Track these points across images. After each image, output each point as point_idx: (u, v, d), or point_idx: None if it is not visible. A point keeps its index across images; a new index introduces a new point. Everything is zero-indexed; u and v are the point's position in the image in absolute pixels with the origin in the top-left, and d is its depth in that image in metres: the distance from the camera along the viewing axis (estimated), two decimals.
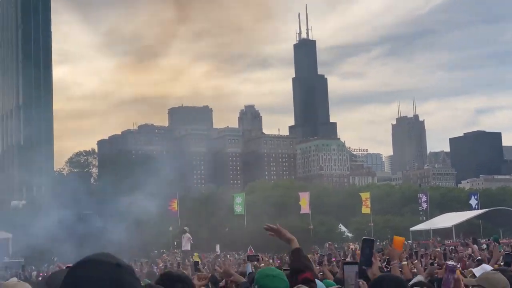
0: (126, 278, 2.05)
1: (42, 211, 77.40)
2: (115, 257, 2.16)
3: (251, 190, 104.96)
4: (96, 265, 2.08)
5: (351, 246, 55.16)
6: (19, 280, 4.89)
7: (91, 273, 2.06)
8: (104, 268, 2.07)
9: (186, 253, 40.64)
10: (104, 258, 2.11)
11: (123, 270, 2.07)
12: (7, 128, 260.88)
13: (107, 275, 2.04)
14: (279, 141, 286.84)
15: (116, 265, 2.08)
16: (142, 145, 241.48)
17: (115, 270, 2.07)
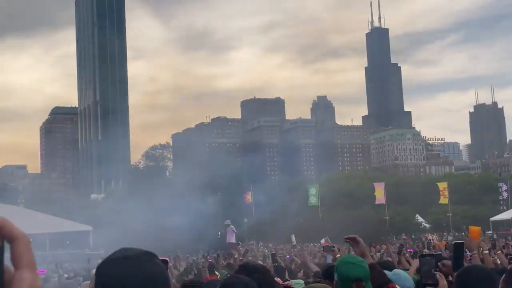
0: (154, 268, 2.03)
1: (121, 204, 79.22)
2: (138, 250, 2.14)
3: (325, 181, 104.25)
4: (121, 261, 2.06)
5: (429, 236, 54.10)
6: None
7: (119, 269, 2.04)
8: (130, 262, 2.05)
9: (231, 245, 40.64)
10: (129, 253, 2.09)
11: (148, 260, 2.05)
12: (85, 124, 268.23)
13: (133, 269, 2.02)
14: (353, 131, 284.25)
15: (123, 257, 2.05)
16: (215, 138, 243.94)
17: (144, 260, 2.05)
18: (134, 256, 2.08)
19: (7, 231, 0.95)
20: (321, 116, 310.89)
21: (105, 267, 2.10)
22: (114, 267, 2.05)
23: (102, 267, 2.13)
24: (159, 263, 2.10)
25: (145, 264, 2.06)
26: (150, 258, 2.10)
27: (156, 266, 2.08)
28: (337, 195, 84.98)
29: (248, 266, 4.79)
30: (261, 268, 4.74)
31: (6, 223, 0.95)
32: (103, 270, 2.09)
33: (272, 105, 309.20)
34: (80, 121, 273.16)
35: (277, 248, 45.54)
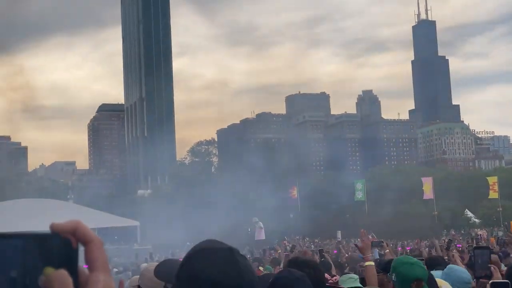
0: (241, 261, 2.00)
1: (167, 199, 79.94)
2: (224, 243, 2.10)
3: (371, 176, 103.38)
4: (211, 253, 2.03)
5: (479, 232, 53.10)
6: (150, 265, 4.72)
7: (209, 260, 2.01)
8: (220, 254, 2.02)
9: (260, 242, 40.43)
10: (216, 245, 2.06)
11: (236, 254, 2.02)
12: (132, 120, 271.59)
13: (223, 260, 2.00)
14: (399, 125, 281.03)
15: (228, 249, 2.03)
16: (260, 133, 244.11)
17: (229, 254, 2.02)
18: (235, 250, 2.05)
19: (82, 234, 0.96)
20: (367, 110, 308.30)
21: (209, 256, 2.03)
22: (220, 258, 2.00)
23: (203, 254, 2.05)
24: (246, 259, 2.06)
25: (245, 259, 2.03)
26: (236, 253, 2.05)
27: (245, 261, 2.03)
28: (384, 190, 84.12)
29: (298, 261, 4.77)
30: (311, 263, 4.70)
31: (81, 226, 0.97)
32: (205, 258, 2.03)
33: (317, 100, 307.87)
34: (127, 117, 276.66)
35: (323, 243, 45.28)
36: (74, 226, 0.95)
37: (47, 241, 0.91)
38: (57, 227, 0.94)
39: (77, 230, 0.95)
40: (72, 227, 0.94)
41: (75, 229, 0.95)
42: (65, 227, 0.93)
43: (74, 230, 0.94)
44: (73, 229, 0.94)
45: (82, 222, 0.95)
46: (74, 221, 0.96)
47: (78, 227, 0.96)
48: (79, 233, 0.95)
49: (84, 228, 0.95)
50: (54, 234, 0.92)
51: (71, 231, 0.94)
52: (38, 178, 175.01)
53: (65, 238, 0.93)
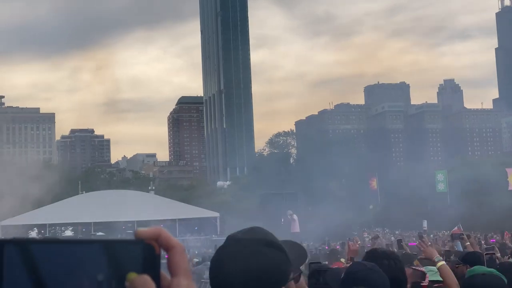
0: (235, 250, 1.99)
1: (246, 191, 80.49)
2: (265, 233, 2.05)
3: (453, 167, 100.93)
4: (240, 243, 2.03)
5: None
6: None
7: (234, 250, 2.01)
8: (249, 244, 2.01)
9: (295, 235, 39.76)
10: (249, 236, 2.03)
11: (238, 244, 2.01)
12: (210, 112, 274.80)
13: (250, 252, 2.00)
14: (483, 115, 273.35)
15: (261, 241, 2.00)
16: (338, 124, 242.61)
17: (259, 247, 1.99)
18: (245, 241, 2.02)
19: (165, 241, 1.00)
20: (448, 100, 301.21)
21: (223, 244, 2.08)
22: (224, 247, 2.03)
23: (224, 242, 2.09)
24: (267, 252, 2.00)
25: (249, 252, 1.99)
26: (260, 247, 2.02)
27: (261, 255, 1.99)
28: (466, 181, 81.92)
29: (377, 252, 4.67)
30: (391, 255, 4.59)
31: (163, 233, 1.00)
32: (221, 246, 2.08)
33: (397, 90, 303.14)
34: (206, 110, 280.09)
35: (403, 235, 44.57)
36: (157, 233, 0.99)
37: (131, 247, 0.96)
38: (141, 233, 0.99)
39: (160, 236, 0.99)
40: (155, 234, 0.98)
41: (158, 235, 0.99)
42: (148, 234, 0.98)
43: (157, 237, 0.98)
44: (156, 235, 0.98)
45: (164, 229, 0.99)
46: (157, 228, 1.00)
47: (161, 234, 0.99)
48: (162, 239, 0.98)
49: (166, 234, 0.99)
50: (138, 240, 0.97)
51: (154, 237, 0.98)
52: (120, 170, 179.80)
53: (148, 244, 0.97)
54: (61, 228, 63.15)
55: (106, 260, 0.93)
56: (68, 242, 0.93)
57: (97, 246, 0.94)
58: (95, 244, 0.94)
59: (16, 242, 0.96)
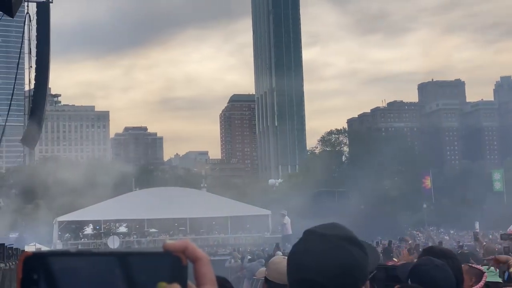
0: (321, 245, 1.97)
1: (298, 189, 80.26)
2: (346, 229, 2.04)
3: (510, 166, 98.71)
4: (324, 238, 1.99)
5: None
6: (284, 257, 4.67)
7: (319, 245, 1.98)
8: (308, 237, 2.02)
9: (287, 238, 38.81)
10: (332, 232, 2.01)
11: (324, 239, 1.97)
12: (262, 110, 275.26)
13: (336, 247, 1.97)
14: None
15: (320, 234, 1.98)
16: (391, 122, 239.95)
17: (314, 238, 1.99)
18: (330, 236, 1.99)
19: (191, 253, 1.03)
20: (505, 97, 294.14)
21: (302, 237, 2.05)
22: (306, 241, 2.00)
23: (302, 237, 2.07)
24: (352, 250, 1.98)
25: (334, 247, 1.97)
26: (345, 243, 1.99)
27: (345, 252, 1.96)
28: None
29: (434, 250, 4.60)
30: (448, 253, 4.49)
31: (189, 245, 1.04)
32: (300, 239, 2.06)
33: (451, 87, 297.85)
34: (257, 108, 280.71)
35: (458, 235, 43.81)
36: (184, 245, 1.03)
37: (160, 258, 1.01)
38: (169, 246, 1.03)
39: (187, 249, 1.03)
40: (182, 246, 1.03)
41: (185, 248, 1.03)
42: (176, 246, 1.02)
43: (184, 249, 1.02)
44: (184, 248, 1.03)
45: (190, 242, 1.04)
46: (184, 241, 1.04)
47: (187, 246, 1.04)
48: (189, 251, 1.03)
49: (193, 247, 1.04)
50: (166, 252, 1.02)
51: (181, 249, 1.02)
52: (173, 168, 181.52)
53: (176, 256, 1.02)
54: (115, 225, 64.13)
55: (137, 271, 0.98)
56: (93, 255, 0.97)
57: (128, 258, 0.98)
58: (126, 256, 0.98)
59: (37, 256, 0.95)
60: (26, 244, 50.21)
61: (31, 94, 42.62)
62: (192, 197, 65.34)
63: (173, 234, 62.92)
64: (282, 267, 4.23)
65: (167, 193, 64.70)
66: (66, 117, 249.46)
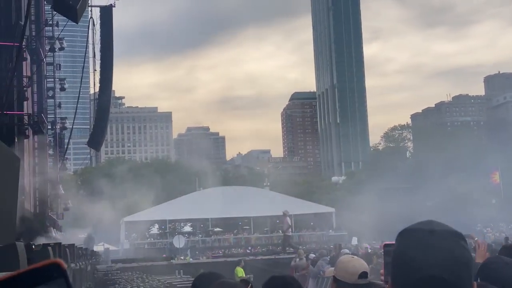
0: (435, 242, 1.94)
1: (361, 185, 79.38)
2: (446, 226, 2.03)
3: None
4: (412, 231, 2.00)
5: None
6: (353, 256, 4.55)
7: (407, 241, 2.00)
8: (417, 234, 1.99)
9: (287, 238, 37.75)
10: (436, 228, 2.01)
11: (436, 235, 1.96)
12: (324, 107, 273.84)
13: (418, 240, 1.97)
14: None
15: (429, 231, 1.97)
16: (457, 117, 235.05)
17: (425, 235, 1.97)
18: (441, 232, 1.97)
19: None
20: None
21: (408, 236, 1.99)
22: (418, 239, 1.96)
23: (404, 235, 2.01)
24: (464, 245, 1.97)
25: (450, 243, 1.95)
26: (457, 238, 1.98)
27: (460, 247, 1.96)
28: None
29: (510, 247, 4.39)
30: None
31: None
32: (405, 238, 2.00)
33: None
34: (319, 105, 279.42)
35: None
36: None
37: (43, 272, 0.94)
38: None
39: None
40: None
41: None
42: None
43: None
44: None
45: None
46: None
47: None
48: None
49: None
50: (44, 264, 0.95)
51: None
52: (235, 166, 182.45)
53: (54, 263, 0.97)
54: (180, 224, 64.80)
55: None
56: None
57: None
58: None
59: None
60: (95, 244, 51.31)
61: (96, 97, 43.54)
62: (255, 196, 65.49)
63: (237, 233, 63.21)
64: (350, 266, 4.10)
65: (230, 192, 65.04)
66: (130, 119, 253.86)
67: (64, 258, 13.47)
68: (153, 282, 24.19)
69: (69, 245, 15.77)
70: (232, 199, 60.08)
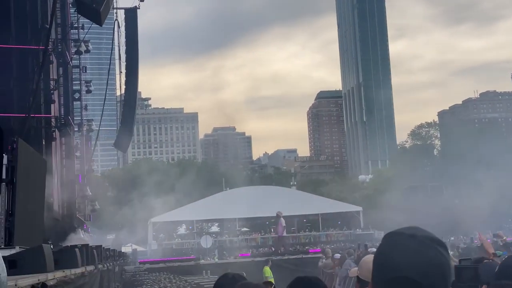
0: (413, 245, 2.00)
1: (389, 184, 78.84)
2: (426, 232, 2.08)
3: None
4: (393, 235, 2.08)
5: None
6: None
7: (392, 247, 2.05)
8: (396, 237, 2.06)
9: (282, 240, 37.10)
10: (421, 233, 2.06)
11: (415, 239, 2.01)
12: (350, 106, 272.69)
13: (396, 243, 2.04)
14: None
15: (409, 235, 2.03)
16: (485, 113, 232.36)
17: (404, 239, 2.03)
18: (421, 237, 2.02)
19: None
20: None
21: (390, 239, 2.07)
22: (398, 242, 2.03)
23: (387, 237, 2.10)
24: (442, 252, 2.02)
25: (429, 249, 2.00)
26: (435, 245, 2.02)
27: (438, 254, 2.01)
28: None
29: None
30: None
31: None
32: (387, 240, 2.08)
33: None
34: (345, 103, 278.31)
35: None
36: None
37: None
38: None
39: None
40: None
41: None
42: None
43: None
44: None
45: None
46: None
47: None
48: None
49: None
50: None
51: None
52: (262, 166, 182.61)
53: None
54: (207, 224, 64.96)
55: None
56: None
57: None
58: None
59: None
60: (122, 245, 51.63)
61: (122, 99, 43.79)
62: (282, 195, 65.37)
63: (264, 233, 63.18)
64: None
65: (257, 192, 65.03)
66: (156, 120, 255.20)
67: (92, 259, 13.53)
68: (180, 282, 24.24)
69: (97, 247, 15.86)
70: (259, 198, 60.05)
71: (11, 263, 7.41)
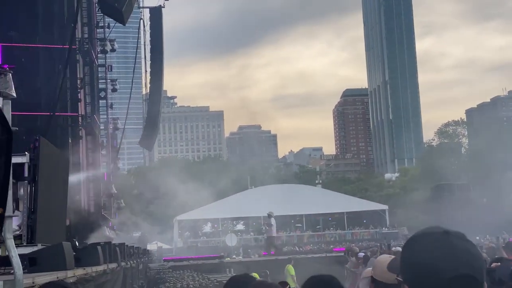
0: (458, 244, 1.98)
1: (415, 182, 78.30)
2: (445, 228, 2.07)
3: None
4: (426, 237, 2.05)
5: None
6: (391, 256, 4.41)
7: (423, 245, 2.03)
8: (434, 237, 2.02)
9: (271, 239, 36.60)
10: (434, 230, 2.06)
11: (452, 237, 2.00)
12: (376, 104, 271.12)
13: (438, 243, 2.00)
14: None
15: (444, 233, 2.02)
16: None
17: (444, 238, 2.00)
18: (454, 233, 2.02)
19: None
20: None
21: (422, 241, 2.04)
22: (434, 241, 2.00)
23: (416, 239, 2.06)
24: (474, 244, 2.03)
25: (466, 242, 2.00)
26: (467, 238, 2.03)
27: (474, 247, 2.01)
28: None
29: None
30: None
31: None
32: (418, 243, 2.04)
33: None
34: (371, 101, 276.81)
35: None
36: None
37: None
38: None
39: None
40: None
41: None
42: None
43: None
44: None
45: None
46: None
47: None
48: None
49: None
50: None
51: None
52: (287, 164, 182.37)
53: None
54: (232, 222, 65.06)
55: None
56: None
57: None
58: None
59: None
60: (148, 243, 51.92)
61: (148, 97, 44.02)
62: (308, 194, 65.30)
63: (290, 231, 63.12)
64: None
65: (282, 190, 64.96)
66: (182, 118, 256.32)
67: (114, 257, 13.60)
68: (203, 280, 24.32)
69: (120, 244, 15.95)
70: (284, 197, 60.00)
71: (31, 261, 7.49)
